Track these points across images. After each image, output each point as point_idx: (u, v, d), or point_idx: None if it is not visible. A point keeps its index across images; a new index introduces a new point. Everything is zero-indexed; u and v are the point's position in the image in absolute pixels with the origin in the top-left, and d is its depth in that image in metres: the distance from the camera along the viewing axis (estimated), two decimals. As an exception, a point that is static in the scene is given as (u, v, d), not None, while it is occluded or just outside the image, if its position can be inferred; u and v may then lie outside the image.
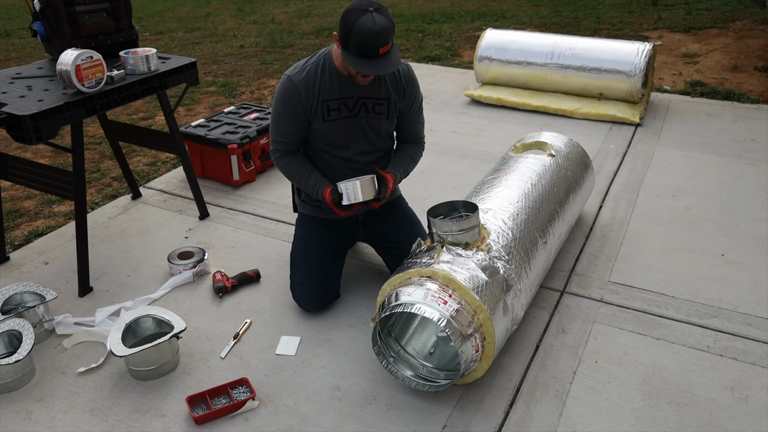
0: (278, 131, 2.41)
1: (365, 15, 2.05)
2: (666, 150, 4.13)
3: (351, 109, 2.36)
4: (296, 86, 2.30)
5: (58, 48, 2.72)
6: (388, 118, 2.43)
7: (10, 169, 2.76)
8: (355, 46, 2.08)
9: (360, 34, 2.05)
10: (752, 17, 7.73)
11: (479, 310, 1.99)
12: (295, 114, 2.34)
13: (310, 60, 2.36)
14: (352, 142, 2.42)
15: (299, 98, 2.30)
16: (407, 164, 2.56)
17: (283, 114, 2.36)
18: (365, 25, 2.04)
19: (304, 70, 2.32)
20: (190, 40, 8.07)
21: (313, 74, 2.31)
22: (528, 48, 4.96)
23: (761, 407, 2.10)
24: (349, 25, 2.07)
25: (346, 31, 2.08)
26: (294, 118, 2.35)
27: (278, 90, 2.35)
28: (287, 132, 2.40)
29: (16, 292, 2.48)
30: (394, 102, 2.41)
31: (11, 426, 2.07)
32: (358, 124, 2.39)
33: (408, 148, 2.59)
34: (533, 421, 2.06)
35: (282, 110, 2.35)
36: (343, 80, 2.31)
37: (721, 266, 2.87)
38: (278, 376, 2.26)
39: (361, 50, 2.08)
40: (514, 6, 9.30)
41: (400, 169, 2.53)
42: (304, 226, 2.64)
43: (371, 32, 2.05)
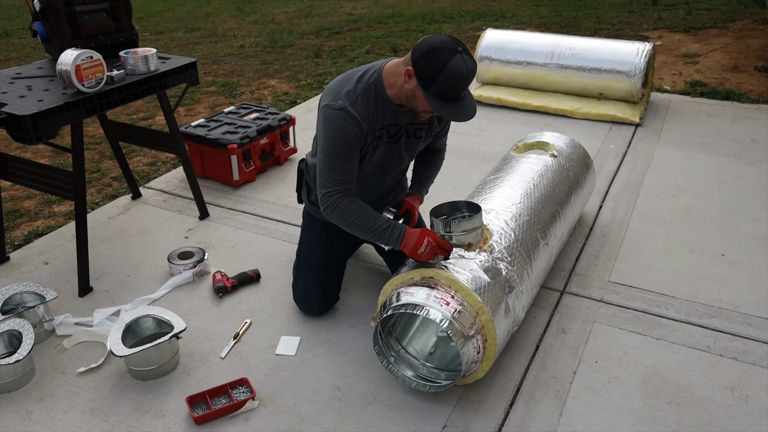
0: (338, 171, 2.11)
1: (456, 56, 1.88)
2: (666, 150, 4.13)
3: (392, 136, 2.20)
4: (358, 120, 2.05)
5: (58, 48, 2.72)
6: (424, 141, 2.35)
7: (10, 169, 2.75)
8: (441, 88, 1.91)
9: (451, 78, 1.88)
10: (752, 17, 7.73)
11: (481, 312, 1.99)
12: (356, 149, 2.10)
13: (355, 87, 2.09)
14: (386, 167, 2.33)
15: (362, 132, 2.08)
16: (432, 174, 2.57)
17: (343, 152, 2.08)
18: (458, 68, 1.88)
19: (356, 100, 2.07)
20: (190, 40, 8.07)
21: (367, 105, 2.08)
22: (528, 48, 4.96)
23: (761, 407, 2.10)
24: (439, 66, 1.88)
25: (433, 72, 1.89)
26: (355, 154, 2.11)
27: (332, 126, 2.06)
28: (349, 170, 2.12)
29: (16, 292, 2.48)
30: (433, 127, 2.33)
31: (11, 426, 2.07)
32: (395, 150, 2.27)
33: (433, 158, 2.56)
34: (533, 421, 2.06)
35: (343, 148, 2.07)
36: (393, 109, 2.13)
37: (721, 266, 2.87)
38: (278, 376, 2.26)
39: (445, 93, 1.92)
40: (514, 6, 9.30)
41: (425, 183, 2.54)
42: (313, 231, 2.56)
43: (462, 76, 1.89)
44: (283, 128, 3.96)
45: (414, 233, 2.12)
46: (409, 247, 2.11)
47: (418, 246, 2.10)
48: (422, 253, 2.10)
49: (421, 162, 2.58)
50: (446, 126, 2.44)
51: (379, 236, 2.15)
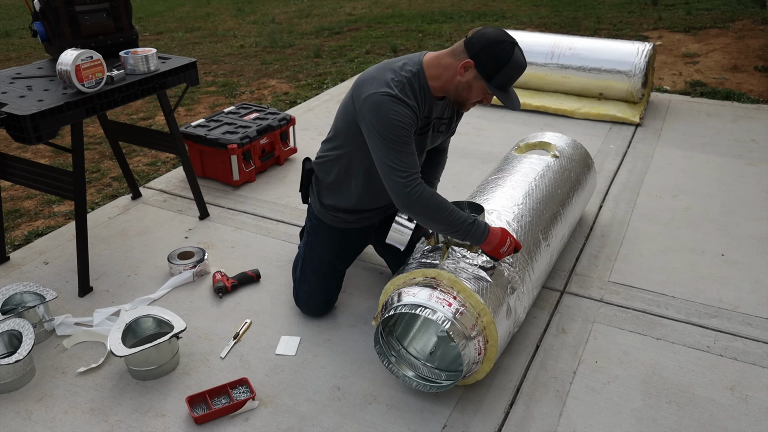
0: (407, 155, 2.05)
1: (516, 49, 1.98)
2: (666, 150, 4.13)
3: (421, 128, 2.22)
4: (410, 104, 2.06)
5: (58, 48, 2.72)
6: (442, 136, 2.38)
7: (10, 169, 2.75)
8: (503, 79, 2.00)
9: (514, 69, 1.99)
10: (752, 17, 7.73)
11: (483, 313, 1.99)
12: (412, 133, 2.09)
13: (401, 75, 2.08)
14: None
15: (415, 116, 2.08)
16: (438, 174, 2.59)
17: (404, 135, 2.04)
18: (520, 60, 1.99)
19: (405, 87, 2.07)
20: (190, 40, 8.07)
21: (415, 92, 2.09)
22: (528, 48, 4.88)
23: (761, 407, 2.10)
24: (504, 58, 1.96)
25: (499, 64, 1.97)
26: (412, 137, 2.10)
27: (390, 109, 2.02)
28: (413, 152, 2.09)
29: (16, 292, 2.48)
30: (454, 121, 2.37)
31: (11, 426, 2.07)
32: (421, 143, 2.28)
33: (438, 157, 2.58)
34: (533, 421, 2.06)
35: (403, 130, 2.04)
36: (431, 101, 2.16)
37: (721, 266, 2.87)
38: (278, 376, 2.26)
39: (505, 84, 2.02)
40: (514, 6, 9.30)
41: (435, 183, 2.56)
42: (321, 235, 2.53)
43: (523, 68, 2.02)
44: (283, 128, 3.96)
45: (496, 232, 2.09)
46: (492, 245, 2.08)
47: (501, 245, 2.08)
48: (503, 252, 2.10)
49: (428, 161, 2.58)
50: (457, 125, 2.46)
51: (463, 231, 2.06)
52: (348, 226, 2.50)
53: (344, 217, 2.48)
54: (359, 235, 2.58)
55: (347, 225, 2.50)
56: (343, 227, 2.51)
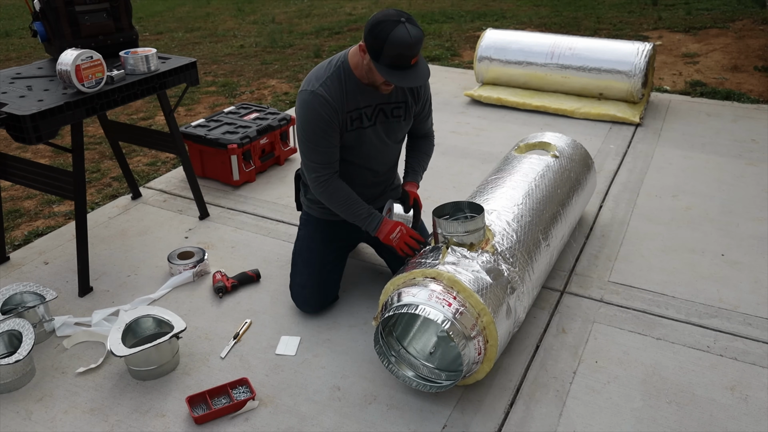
0: (318, 154, 2.25)
1: (399, 26, 2.00)
2: (666, 150, 4.13)
3: (370, 118, 2.30)
4: (325, 99, 2.17)
5: (58, 48, 2.72)
6: (405, 120, 2.41)
7: (10, 169, 2.75)
8: (388, 58, 2.02)
9: (395, 47, 2.00)
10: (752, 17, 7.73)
11: (483, 313, 1.99)
12: (331, 128, 2.22)
13: (325, 71, 2.22)
14: (372, 150, 2.39)
15: (332, 111, 2.19)
16: (424, 162, 2.61)
17: (318, 132, 2.21)
18: (400, 36, 1.99)
19: (325, 82, 2.19)
20: (190, 40, 8.07)
21: (336, 85, 2.20)
22: (528, 48, 4.96)
23: (761, 407, 2.10)
24: (382, 37, 2.00)
25: (378, 44, 2.01)
26: (331, 133, 2.22)
27: (305, 108, 2.20)
28: (326, 151, 2.25)
29: (16, 292, 2.48)
30: (410, 104, 2.39)
31: (11, 426, 2.07)
32: (376, 132, 2.35)
33: (420, 145, 2.60)
34: (533, 421, 2.06)
35: (317, 128, 2.20)
36: (363, 89, 2.24)
37: (721, 266, 2.87)
38: (278, 376, 2.26)
39: (394, 62, 2.03)
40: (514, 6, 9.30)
41: (419, 171, 2.59)
42: (308, 227, 2.61)
43: (406, 44, 2.00)
44: (283, 128, 3.95)
45: (389, 222, 2.35)
46: (384, 233, 2.34)
47: (390, 232, 2.33)
48: (393, 239, 2.33)
49: (411, 150, 2.62)
50: (426, 104, 2.49)
51: (361, 221, 2.36)
52: (335, 218, 2.54)
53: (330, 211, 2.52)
54: (348, 227, 2.59)
55: (334, 218, 2.53)
56: (331, 219, 2.55)
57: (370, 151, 2.39)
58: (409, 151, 2.63)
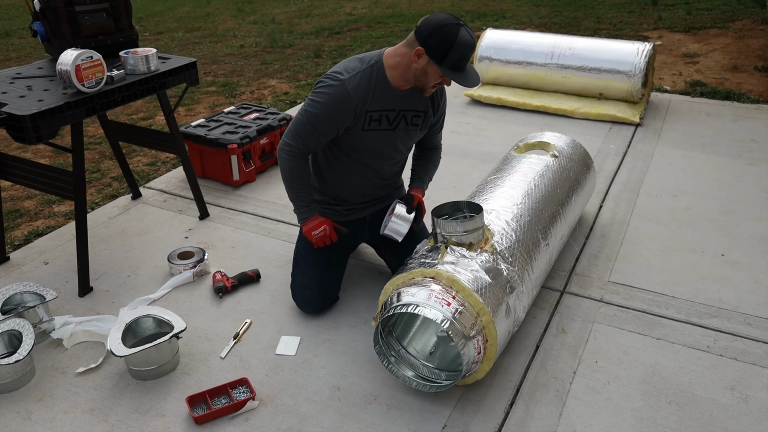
0: (308, 131, 2.27)
1: (462, 29, 2.06)
2: (666, 150, 4.13)
3: (391, 122, 2.33)
4: (349, 94, 2.20)
5: (58, 48, 2.72)
6: (421, 130, 2.44)
7: (10, 169, 2.75)
8: (454, 60, 2.08)
9: (462, 49, 2.06)
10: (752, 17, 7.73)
11: (482, 313, 1.99)
12: (336, 120, 2.24)
13: (360, 66, 2.25)
14: (383, 154, 2.42)
15: (349, 107, 2.22)
16: (430, 172, 2.64)
17: (324, 117, 2.24)
18: (466, 39, 2.06)
19: (355, 76, 2.21)
20: (190, 40, 8.07)
21: (366, 83, 2.22)
22: (528, 48, 4.96)
23: (761, 407, 2.10)
24: (450, 40, 2.05)
25: (446, 46, 2.06)
26: (332, 124, 2.25)
27: (327, 92, 2.22)
28: (316, 135, 2.28)
29: (16, 292, 2.48)
30: (429, 115, 2.42)
31: (11, 426, 2.07)
32: (393, 137, 2.37)
33: (428, 156, 2.64)
34: (533, 421, 2.06)
35: (324, 113, 2.23)
36: (390, 92, 2.26)
37: (721, 266, 2.87)
38: (278, 376, 2.26)
39: (458, 64, 2.10)
40: (514, 6, 9.30)
41: (425, 179, 2.62)
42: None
43: (471, 46, 2.08)
44: (283, 128, 3.95)
45: (318, 218, 2.42)
46: (308, 227, 2.42)
47: (315, 228, 2.41)
48: (315, 235, 2.42)
49: (419, 160, 2.65)
50: (441, 117, 2.52)
51: (296, 206, 2.42)
52: (338, 218, 2.55)
53: (335, 210, 2.55)
54: (351, 229, 2.60)
55: (338, 218, 2.55)
56: (333, 220, 2.55)
57: (382, 154, 2.42)
58: (416, 160, 2.66)
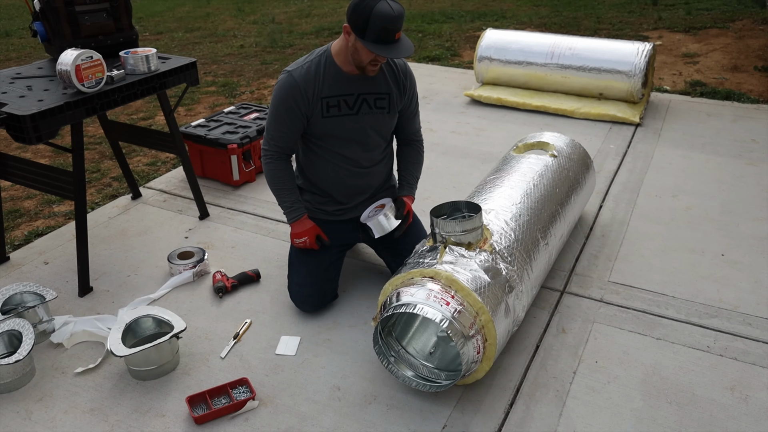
0: (274, 129, 2.38)
1: (381, 2, 2.08)
2: (666, 150, 4.13)
3: (351, 106, 2.36)
4: (296, 81, 2.28)
5: (58, 48, 2.72)
6: (389, 113, 2.44)
7: (10, 169, 2.76)
8: (374, 32, 2.09)
9: (379, 20, 2.07)
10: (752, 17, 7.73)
11: (481, 312, 1.99)
12: (294, 110, 2.32)
13: (309, 57, 2.34)
14: (353, 141, 2.42)
15: (300, 93, 2.29)
16: (416, 172, 2.65)
17: (282, 110, 2.33)
18: (383, 10, 2.07)
19: (302, 67, 2.31)
20: (190, 40, 8.07)
21: (313, 71, 2.30)
22: (528, 48, 4.96)
23: (761, 407, 2.10)
24: (366, 12, 2.08)
25: (363, 19, 2.09)
26: (292, 114, 2.33)
27: (277, 86, 2.33)
28: (283, 130, 2.37)
29: (16, 292, 2.48)
30: (395, 96, 2.42)
31: (11, 426, 2.07)
32: (359, 122, 2.39)
33: (410, 154, 2.64)
34: (533, 421, 2.06)
35: (281, 106, 2.33)
36: (343, 77, 2.32)
37: (721, 266, 2.87)
38: (278, 376, 2.26)
39: (379, 36, 2.10)
40: (514, 6, 9.30)
41: (414, 183, 2.63)
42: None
43: (390, 17, 2.08)
44: (283, 128, 3.95)
45: (305, 224, 2.48)
46: (294, 230, 2.49)
47: (299, 236, 2.49)
48: (296, 243, 2.51)
49: (402, 162, 2.65)
50: (413, 101, 2.53)
51: (283, 208, 2.49)
52: (330, 218, 2.57)
53: (326, 210, 2.58)
54: (343, 228, 2.61)
55: (330, 217, 2.57)
56: (327, 219, 2.58)
57: (353, 140, 2.43)
58: (399, 162, 2.66)
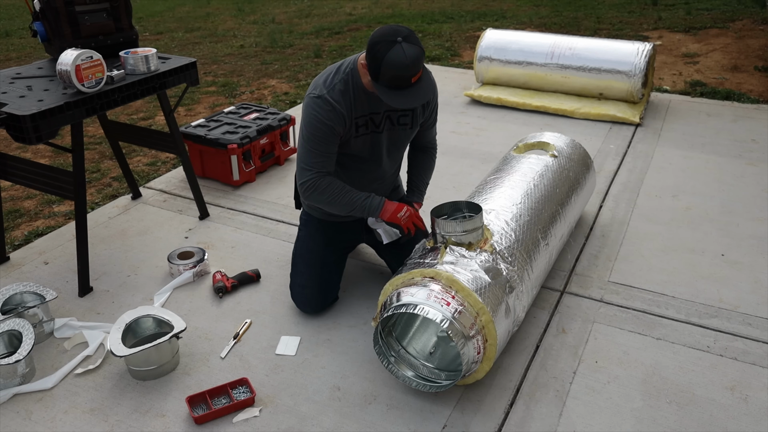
0: (316, 154, 2.23)
1: (394, 47, 1.98)
2: (666, 150, 4.13)
3: (377, 125, 2.31)
4: (335, 105, 2.18)
5: (58, 48, 2.72)
6: (411, 128, 2.42)
7: (10, 169, 2.75)
8: (386, 79, 2.03)
9: (391, 68, 1.99)
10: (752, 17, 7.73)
11: (482, 312, 1.99)
12: (333, 134, 2.21)
13: (334, 77, 2.23)
14: (376, 157, 2.40)
15: (338, 117, 2.19)
16: (427, 179, 2.64)
17: (321, 136, 2.20)
18: (396, 59, 1.98)
19: (333, 88, 2.20)
20: (190, 40, 8.07)
21: (346, 93, 2.21)
22: (528, 48, 4.96)
23: (761, 407, 2.10)
24: (378, 59, 2.00)
25: (376, 65, 2.02)
26: (332, 139, 2.22)
27: (314, 111, 2.19)
28: (326, 153, 2.24)
29: (16, 292, 2.48)
30: (418, 112, 2.39)
31: (11, 426, 2.07)
32: (381, 139, 2.36)
33: (424, 160, 2.62)
34: (533, 421, 2.06)
35: (322, 131, 2.19)
36: (370, 96, 2.24)
37: (721, 266, 2.87)
38: (278, 376, 2.26)
39: (392, 83, 2.03)
40: (514, 6, 9.30)
41: (423, 189, 2.62)
42: (309, 227, 2.61)
43: (402, 65, 1.99)
44: (283, 128, 3.96)
45: (393, 203, 2.31)
46: (389, 212, 2.29)
47: (398, 211, 2.30)
48: (402, 217, 2.30)
49: (414, 167, 2.64)
50: (433, 112, 2.49)
51: (359, 207, 2.29)
52: (336, 219, 2.55)
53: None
54: (348, 229, 2.61)
55: (335, 218, 2.55)
56: (331, 221, 2.56)
57: (376, 157, 2.40)
58: (412, 167, 2.63)
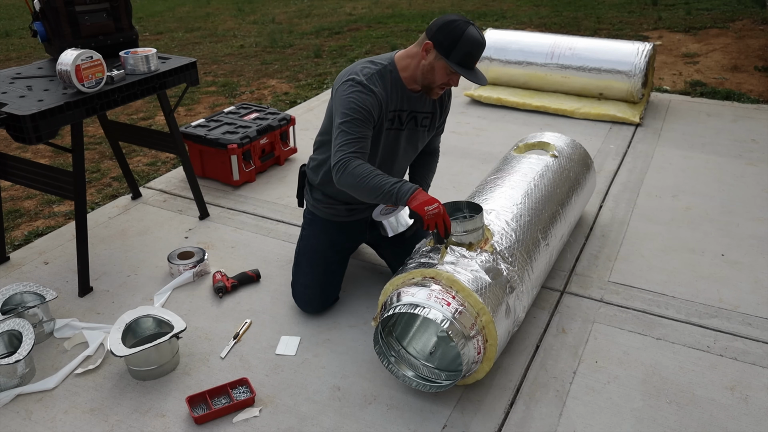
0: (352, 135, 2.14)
1: (471, 27, 2.10)
2: (666, 150, 4.13)
3: (402, 122, 2.33)
4: (375, 92, 2.18)
5: (58, 48, 2.72)
6: (429, 131, 2.45)
7: (10, 169, 2.75)
8: (460, 55, 2.10)
9: (468, 45, 2.09)
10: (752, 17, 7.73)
11: (482, 312, 1.99)
12: (371, 117, 2.19)
13: (371, 68, 2.22)
14: (393, 154, 2.41)
15: (377, 103, 2.18)
16: (429, 179, 2.66)
17: (359, 118, 2.15)
18: (474, 36, 2.10)
19: (372, 77, 2.19)
20: (190, 40, 8.07)
21: (383, 83, 2.22)
22: (528, 48, 4.96)
23: (761, 407, 2.10)
24: (457, 35, 2.09)
25: (452, 40, 2.09)
26: (369, 122, 2.19)
27: (352, 95, 2.15)
28: (362, 136, 2.17)
29: (16, 292, 2.48)
30: (437, 115, 2.44)
31: (11, 426, 2.07)
32: (401, 137, 2.37)
33: (427, 162, 2.65)
34: (533, 421, 2.06)
35: (359, 113, 2.15)
36: (405, 93, 2.28)
37: (721, 266, 2.87)
38: (278, 376, 2.26)
39: (464, 60, 2.12)
40: (514, 6, 9.30)
41: (425, 188, 2.62)
42: (314, 227, 2.59)
43: (478, 43, 2.11)
44: (283, 128, 3.96)
45: (426, 193, 2.09)
46: (419, 200, 2.05)
47: (428, 203, 2.05)
48: (429, 210, 2.04)
49: (418, 168, 2.65)
50: (443, 121, 2.53)
51: (388, 193, 2.07)
52: (340, 219, 2.55)
53: (336, 210, 2.53)
54: (352, 229, 2.61)
55: (340, 218, 2.55)
56: (335, 220, 2.56)
57: (395, 155, 2.41)
58: (415, 167, 2.65)
